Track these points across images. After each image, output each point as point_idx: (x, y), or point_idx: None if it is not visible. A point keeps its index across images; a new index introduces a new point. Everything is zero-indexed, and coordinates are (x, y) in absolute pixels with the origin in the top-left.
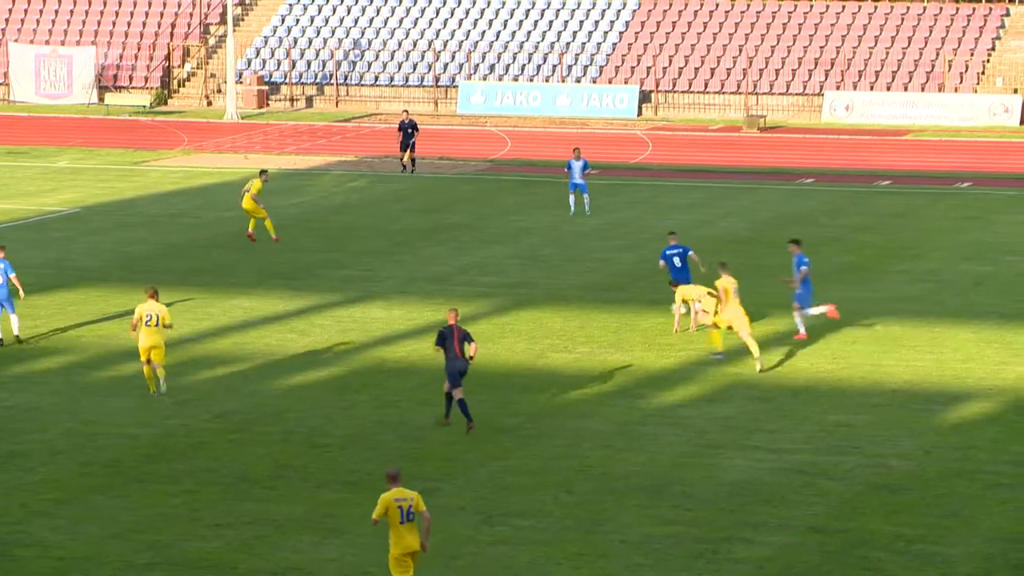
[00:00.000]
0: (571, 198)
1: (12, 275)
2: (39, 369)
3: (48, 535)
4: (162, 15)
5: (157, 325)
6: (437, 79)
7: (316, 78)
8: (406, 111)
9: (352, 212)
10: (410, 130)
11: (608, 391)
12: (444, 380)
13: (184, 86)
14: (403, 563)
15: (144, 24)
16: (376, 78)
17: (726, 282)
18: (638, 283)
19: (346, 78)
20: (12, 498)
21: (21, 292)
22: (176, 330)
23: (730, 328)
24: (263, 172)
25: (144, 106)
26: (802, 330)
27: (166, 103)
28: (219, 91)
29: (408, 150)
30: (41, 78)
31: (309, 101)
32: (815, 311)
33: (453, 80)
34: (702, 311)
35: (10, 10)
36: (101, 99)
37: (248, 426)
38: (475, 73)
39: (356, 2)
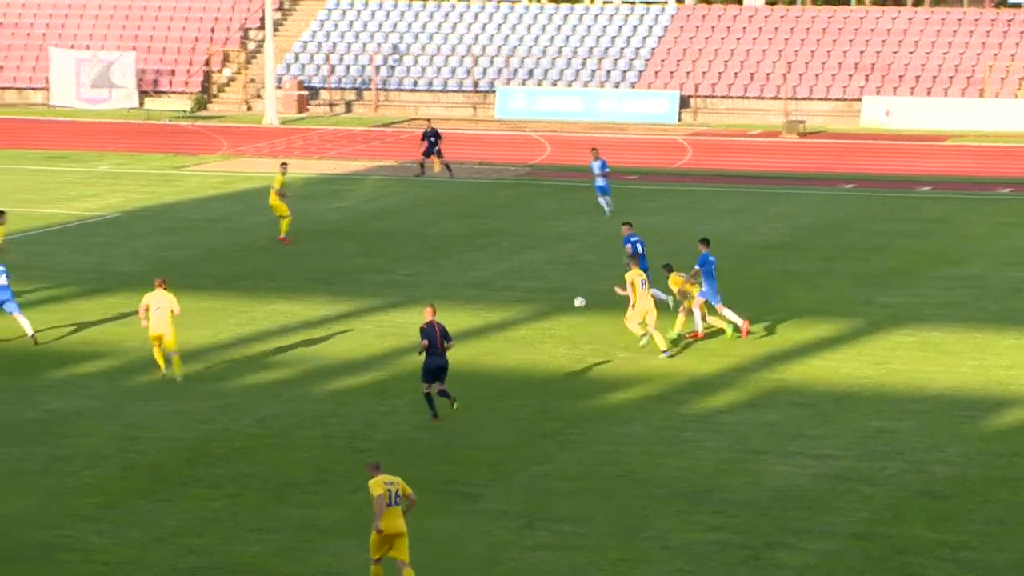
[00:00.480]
0: (601, 200)
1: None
2: (81, 373)
3: (92, 539)
4: (202, 20)
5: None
6: (476, 84)
7: (355, 83)
8: (428, 120)
9: (392, 217)
10: (432, 138)
11: (649, 396)
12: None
13: (224, 91)
14: (385, 543)
15: (184, 29)
16: (415, 83)
17: (634, 275)
18: None
19: (385, 83)
20: (56, 502)
21: None
22: (218, 334)
23: (643, 321)
24: (283, 164)
25: (184, 111)
26: (740, 322)
27: (206, 108)
28: (259, 96)
29: (437, 156)
30: (81, 83)
31: (348, 106)
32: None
33: (492, 85)
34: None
35: (51, 15)
36: (141, 104)
37: (290, 431)
38: (514, 78)
39: (395, 7)
